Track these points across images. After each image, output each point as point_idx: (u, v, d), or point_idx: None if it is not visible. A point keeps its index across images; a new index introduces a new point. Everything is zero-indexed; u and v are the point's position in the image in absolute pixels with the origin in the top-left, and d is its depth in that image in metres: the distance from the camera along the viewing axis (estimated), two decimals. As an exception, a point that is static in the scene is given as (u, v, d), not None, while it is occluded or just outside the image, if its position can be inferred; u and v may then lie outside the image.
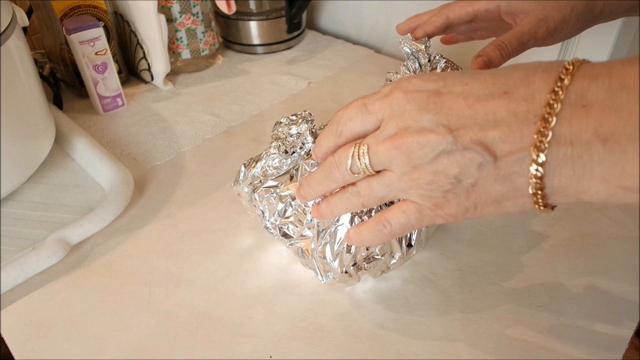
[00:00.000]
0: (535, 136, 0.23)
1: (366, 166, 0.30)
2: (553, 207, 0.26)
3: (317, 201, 0.36)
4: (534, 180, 0.24)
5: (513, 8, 0.43)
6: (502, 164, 0.25)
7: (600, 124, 0.22)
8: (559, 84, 0.23)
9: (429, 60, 0.44)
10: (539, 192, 0.25)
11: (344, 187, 0.33)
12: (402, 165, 0.28)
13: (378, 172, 0.30)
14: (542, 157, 0.24)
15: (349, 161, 0.30)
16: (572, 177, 0.24)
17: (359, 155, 0.30)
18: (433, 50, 0.45)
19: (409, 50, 0.45)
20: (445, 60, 0.44)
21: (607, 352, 0.36)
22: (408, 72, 0.45)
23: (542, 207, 0.25)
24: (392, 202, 0.34)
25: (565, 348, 0.37)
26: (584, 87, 0.23)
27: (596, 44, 0.60)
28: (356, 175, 0.31)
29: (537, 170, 0.24)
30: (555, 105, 0.23)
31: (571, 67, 0.24)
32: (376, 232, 0.32)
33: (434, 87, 0.27)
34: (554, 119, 0.23)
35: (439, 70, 0.44)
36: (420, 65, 0.45)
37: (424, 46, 0.44)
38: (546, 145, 0.23)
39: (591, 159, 0.23)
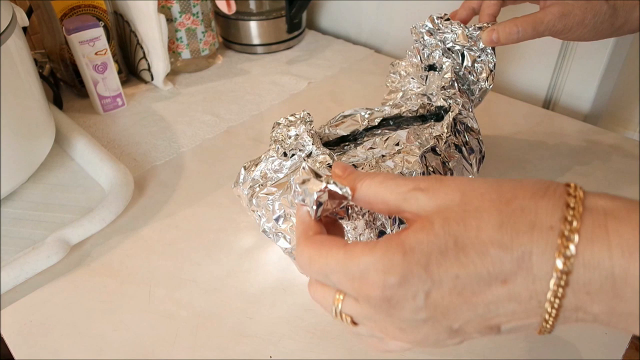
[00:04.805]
0: (541, 319, 0.23)
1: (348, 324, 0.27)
2: None
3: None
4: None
5: None
6: (504, 330, 0.25)
7: (603, 311, 0.22)
8: (560, 280, 0.22)
9: (470, 38, 0.46)
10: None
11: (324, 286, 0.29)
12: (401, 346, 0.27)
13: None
14: (546, 333, 0.24)
15: (332, 311, 0.27)
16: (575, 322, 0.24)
17: (342, 318, 0.27)
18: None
19: (430, 26, 0.47)
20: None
21: (607, 352, 0.36)
22: (414, 58, 0.47)
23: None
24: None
25: (566, 348, 0.37)
26: (586, 279, 0.22)
27: (596, 43, 0.60)
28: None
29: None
30: (559, 292, 0.22)
31: (569, 253, 0.22)
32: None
33: (422, 288, 0.23)
34: (560, 302, 0.22)
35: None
36: (428, 53, 0.46)
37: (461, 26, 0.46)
38: (551, 324, 0.23)
39: (595, 322, 0.23)
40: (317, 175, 0.28)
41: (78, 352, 0.38)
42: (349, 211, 0.29)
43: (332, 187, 0.27)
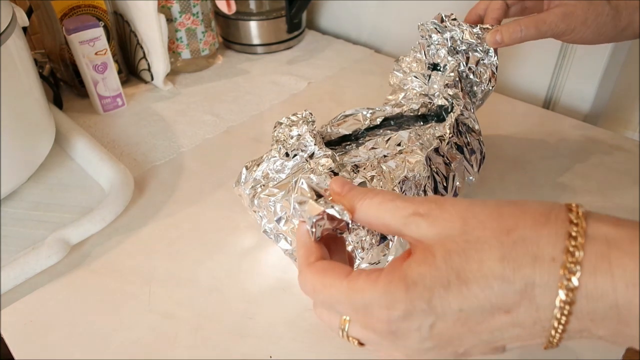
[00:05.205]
0: (545, 340, 0.23)
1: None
2: None
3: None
4: None
5: None
6: (510, 349, 0.25)
7: (608, 334, 0.22)
8: (563, 310, 0.22)
9: (478, 37, 0.46)
10: None
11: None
12: None
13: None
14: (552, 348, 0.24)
15: (339, 334, 0.28)
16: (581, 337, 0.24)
17: (349, 340, 0.28)
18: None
19: (438, 23, 0.47)
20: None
21: (607, 352, 0.36)
22: (418, 53, 0.47)
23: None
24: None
25: (565, 348, 0.37)
26: (589, 309, 0.22)
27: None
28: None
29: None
30: (563, 320, 0.22)
31: (571, 285, 0.21)
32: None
33: (426, 321, 0.24)
34: (564, 327, 0.22)
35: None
36: (431, 52, 0.46)
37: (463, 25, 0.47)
38: (556, 343, 0.23)
39: (600, 340, 0.23)
40: (317, 195, 0.28)
41: (78, 352, 0.38)
42: (350, 225, 0.29)
43: (330, 211, 0.27)
